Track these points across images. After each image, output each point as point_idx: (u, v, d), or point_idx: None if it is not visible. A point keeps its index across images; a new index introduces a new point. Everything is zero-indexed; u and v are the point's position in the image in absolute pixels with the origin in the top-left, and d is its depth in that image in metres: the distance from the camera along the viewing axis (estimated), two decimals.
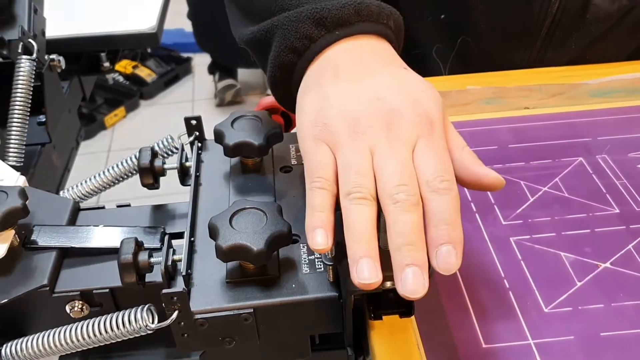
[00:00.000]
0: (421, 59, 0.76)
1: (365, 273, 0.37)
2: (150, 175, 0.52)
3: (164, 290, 0.40)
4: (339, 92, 0.43)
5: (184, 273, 0.43)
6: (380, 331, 0.42)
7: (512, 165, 0.61)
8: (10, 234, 0.47)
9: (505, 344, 0.44)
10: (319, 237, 0.38)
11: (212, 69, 2.56)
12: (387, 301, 0.43)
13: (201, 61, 2.79)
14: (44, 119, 0.75)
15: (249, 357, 0.48)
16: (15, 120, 0.63)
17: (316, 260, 0.45)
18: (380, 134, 0.40)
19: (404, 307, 0.43)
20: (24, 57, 0.64)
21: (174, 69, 2.68)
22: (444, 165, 0.40)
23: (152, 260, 0.43)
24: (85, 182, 0.56)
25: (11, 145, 0.63)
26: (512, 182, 0.59)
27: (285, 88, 0.51)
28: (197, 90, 2.66)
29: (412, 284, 0.36)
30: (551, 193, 0.57)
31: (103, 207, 0.55)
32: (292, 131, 0.61)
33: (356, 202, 0.39)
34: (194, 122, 0.56)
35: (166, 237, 0.45)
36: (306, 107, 0.44)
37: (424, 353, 0.43)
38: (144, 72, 2.59)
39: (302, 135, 0.44)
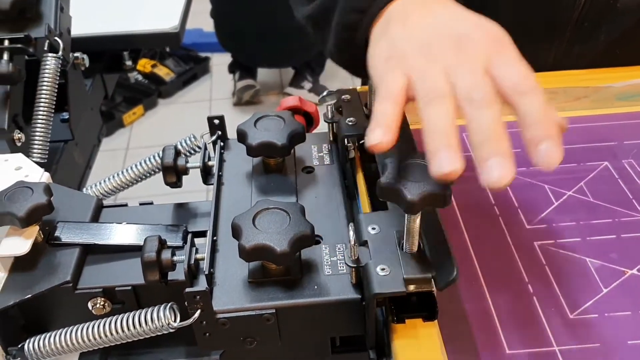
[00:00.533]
0: None
1: (445, 164, 0.37)
2: (174, 173, 0.52)
3: (187, 289, 0.40)
4: (408, 30, 0.45)
5: (206, 272, 0.43)
6: (403, 334, 0.42)
7: (536, 168, 0.60)
8: (34, 229, 0.47)
9: (529, 350, 0.44)
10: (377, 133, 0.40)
11: (232, 68, 2.56)
12: (410, 305, 0.43)
13: (219, 61, 2.80)
14: (67, 116, 0.76)
15: (269, 358, 0.48)
16: (40, 117, 0.64)
17: (338, 261, 0.45)
18: (451, 55, 0.42)
19: (427, 311, 0.42)
20: (49, 54, 0.64)
21: (192, 68, 2.68)
22: (524, 69, 0.41)
23: (175, 258, 0.43)
24: (109, 179, 0.56)
25: (36, 142, 0.63)
26: (536, 186, 0.58)
27: (351, 50, 0.52)
28: (215, 90, 2.67)
29: (497, 172, 0.36)
30: (576, 197, 0.57)
31: (126, 205, 0.55)
32: (314, 132, 0.61)
33: (435, 101, 0.39)
34: (216, 121, 0.56)
35: (189, 236, 0.45)
36: (377, 53, 0.46)
37: (447, 358, 0.43)
38: (163, 71, 2.61)
39: (376, 75, 0.45)
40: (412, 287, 0.40)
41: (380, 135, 0.39)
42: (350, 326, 0.44)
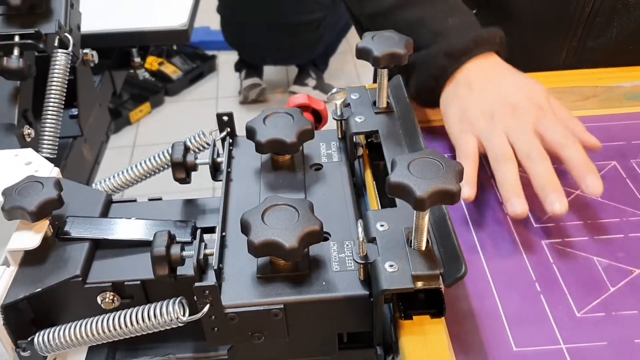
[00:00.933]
0: None
1: (517, 207, 0.51)
2: (183, 169, 0.52)
3: (197, 284, 0.41)
4: (474, 98, 0.59)
5: (215, 267, 0.43)
6: (410, 331, 0.42)
7: None
8: (44, 224, 0.48)
9: (536, 348, 0.44)
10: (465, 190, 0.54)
11: (238, 67, 2.56)
12: (418, 301, 0.43)
13: (226, 59, 2.80)
14: (76, 112, 0.76)
15: (276, 353, 0.48)
16: (49, 112, 0.64)
17: (346, 258, 0.45)
18: (509, 120, 0.57)
19: (435, 308, 0.43)
20: (59, 50, 0.65)
21: (199, 66, 2.69)
22: (563, 127, 0.56)
23: (184, 253, 0.44)
24: (118, 175, 0.56)
25: (45, 137, 0.64)
26: None
27: (427, 101, 0.66)
28: (221, 88, 2.67)
29: (557, 203, 0.51)
30: (584, 197, 0.57)
31: (135, 200, 0.55)
32: (323, 129, 0.61)
33: (504, 161, 0.54)
34: (225, 118, 0.57)
35: (198, 231, 0.46)
36: (451, 115, 0.60)
37: (454, 355, 0.43)
38: (170, 69, 2.61)
39: (453, 135, 0.60)
40: (420, 284, 0.40)
41: (468, 191, 0.53)
42: (358, 322, 0.44)
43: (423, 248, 0.42)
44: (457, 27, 0.64)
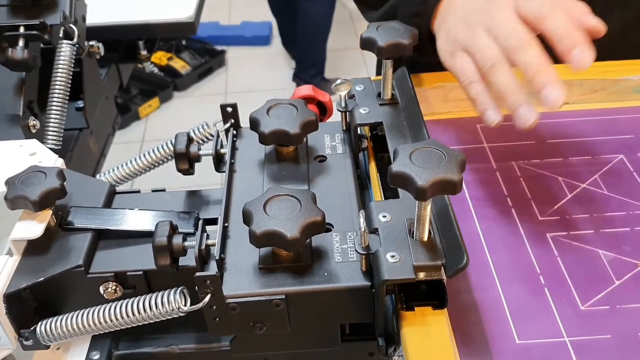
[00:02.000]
0: None
1: (525, 116, 0.48)
2: (186, 160, 0.52)
3: (198, 273, 0.41)
4: (452, 16, 0.57)
5: (217, 257, 0.43)
6: (412, 322, 0.41)
7: (550, 160, 0.60)
8: (47, 214, 0.48)
9: (539, 340, 0.43)
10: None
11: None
12: (420, 293, 0.43)
13: (235, 54, 2.81)
14: (82, 105, 0.76)
15: (278, 344, 0.48)
16: (54, 104, 0.64)
17: (349, 249, 0.45)
18: (484, 15, 0.52)
19: (437, 299, 0.42)
20: (64, 42, 0.65)
21: (207, 61, 2.69)
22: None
23: (186, 243, 0.44)
24: (122, 166, 0.56)
25: (50, 129, 0.64)
26: (550, 177, 0.58)
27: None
28: (230, 83, 2.67)
29: (552, 93, 0.47)
30: (590, 190, 0.56)
31: (138, 191, 0.55)
32: (327, 121, 0.61)
33: (490, 67, 0.50)
34: (229, 109, 0.57)
35: (200, 222, 0.46)
36: (441, 43, 0.57)
37: (456, 346, 0.43)
38: (178, 64, 2.62)
39: (446, 64, 0.56)
40: (421, 275, 0.40)
41: (492, 113, 0.51)
42: (360, 313, 0.44)
43: (425, 239, 0.41)
44: None
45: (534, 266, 0.49)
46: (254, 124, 0.52)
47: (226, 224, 0.47)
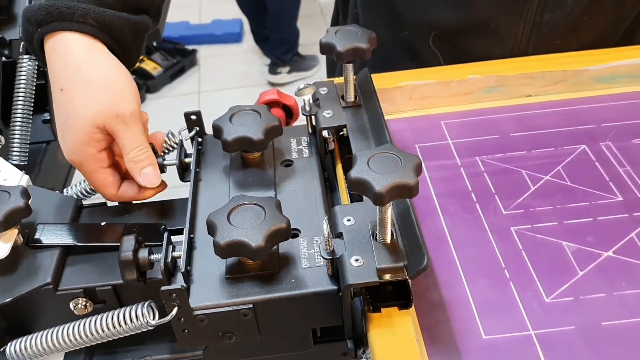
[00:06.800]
0: (414, 45, 0.75)
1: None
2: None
3: (163, 288, 0.41)
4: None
5: (183, 270, 0.43)
6: (378, 324, 0.42)
7: (514, 154, 0.61)
8: (13, 233, 0.48)
9: (505, 335, 0.44)
10: None
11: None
12: (386, 293, 0.44)
13: (206, 53, 2.79)
14: (48, 117, 0.75)
15: (252, 350, 0.48)
16: (18, 119, 0.63)
17: (316, 254, 0.45)
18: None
19: (403, 299, 0.43)
20: (25, 56, 0.64)
21: (179, 61, 2.67)
22: None
23: (152, 257, 0.44)
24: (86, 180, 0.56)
25: (14, 144, 0.63)
26: (513, 171, 0.59)
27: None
28: (203, 82, 2.66)
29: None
30: (553, 182, 0.57)
31: (105, 204, 0.55)
32: (294, 124, 0.61)
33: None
34: (193, 117, 0.56)
35: (166, 234, 0.46)
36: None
37: (424, 345, 0.44)
38: (150, 66, 2.59)
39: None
40: (386, 277, 0.40)
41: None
42: (329, 317, 0.44)
43: (388, 241, 0.42)
44: None
45: (499, 260, 0.50)
46: (217, 131, 0.52)
47: (192, 235, 0.47)
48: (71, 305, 0.46)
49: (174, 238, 0.50)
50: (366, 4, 0.76)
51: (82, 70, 0.51)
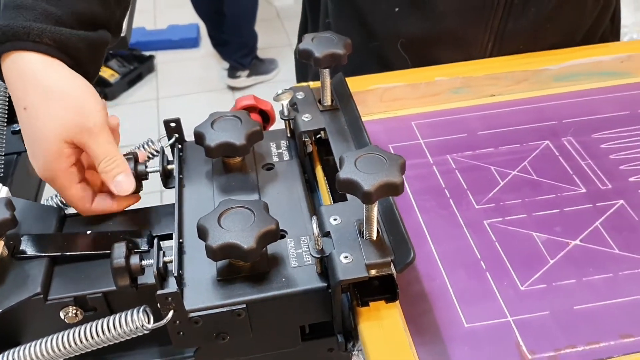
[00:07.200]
0: (385, 52, 0.77)
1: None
2: (135, 179, 0.53)
3: (159, 292, 0.42)
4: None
5: (175, 274, 0.44)
6: (367, 317, 0.44)
7: (482, 151, 0.64)
8: None
9: (485, 322, 0.47)
10: None
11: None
12: (372, 288, 0.45)
13: (164, 59, 2.77)
14: (18, 128, 0.75)
15: (241, 350, 0.50)
16: None
17: (304, 253, 0.47)
18: None
19: (389, 293, 0.45)
20: None
21: (136, 67, 2.65)
22: None
23: (143, 262, 0.45)
24: None
25: None
26: (483, 167, 0.62)
27: None
28: (162, 88, 2.64)
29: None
30: (521, 176, 0.60)
31: None
32: (270, 129, 0.62)
33: None
34: (173, 124, 0.57)
35: (155, 240, 0.46)
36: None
37: (410, 336, 0.46)
38: (107, 73, 2.56)
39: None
40: (373, 272, 0.42)
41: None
42: (318, 313, 0.46)
43: (374, 238, 0.44)
44: (18, 7, 0.52)
45: (475, 253, 0.53)
46: (199, 138, 0.53)
47: (181, 240, 0.48)
48: (62, 314, 0.47)
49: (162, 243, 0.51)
50: (338, 14, 0.78)
51: (42, 87, 0.51)
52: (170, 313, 0.43)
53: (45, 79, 0.51)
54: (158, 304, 0.42)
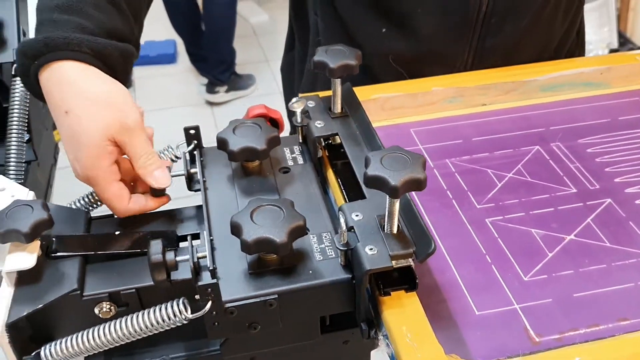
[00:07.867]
0: (375, 68, 0.82)
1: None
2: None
3: (200, 283, 0.45)
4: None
5: (210, 267, 0.47)
6: (390, 305, 0.48)
7: (479, 155, 0.68)
8: (37, 244, 0.50)
9: (495, 310, 0.51)
10: None
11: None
12: (392, 279, 0.49)
13: (141, 74, 2.78)
14: (28, 137, 0.77)
15: (265, 343, 0.53)
16: (13, 139, 0.65)
17: (326, 248, 0.50)
18: None
19: (408, 283, 0.49)
20: (18, 78, 0.66)
21: None
22: None
23: (178, 258, 0.48)
24: (92, 194, 0.59)
25: (11, 164, 0.65)
26: (480, 170, 0.66)
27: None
28: (140, 103, 2.64)
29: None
30: (516, 178, 0.65)
31: (112, 216, 0.58)
32: (280, 135, 0.66)
33: None
34: (192, 131, 0.61)
35: (188, 237, 0.49)
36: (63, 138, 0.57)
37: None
38: None
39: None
40: (397, 262, 0.46)
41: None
42: (342, 304, 0.49)
43: (395, 231, 0.48)
44: (55, 22, 0.55)
45: (479, 248, 0.57)
46: (222, 143, 0.56)
47: (211, 237, 0.51)
48: (96, 309, 0.49)
49: (180, 244, 0.54)
50: (328, 34, 0.83)
51: (83, 90, 0.54)
52: (209, 304, 0.45)
53: (86, 84, 0.54)
54: (198, 296, 0.45)
